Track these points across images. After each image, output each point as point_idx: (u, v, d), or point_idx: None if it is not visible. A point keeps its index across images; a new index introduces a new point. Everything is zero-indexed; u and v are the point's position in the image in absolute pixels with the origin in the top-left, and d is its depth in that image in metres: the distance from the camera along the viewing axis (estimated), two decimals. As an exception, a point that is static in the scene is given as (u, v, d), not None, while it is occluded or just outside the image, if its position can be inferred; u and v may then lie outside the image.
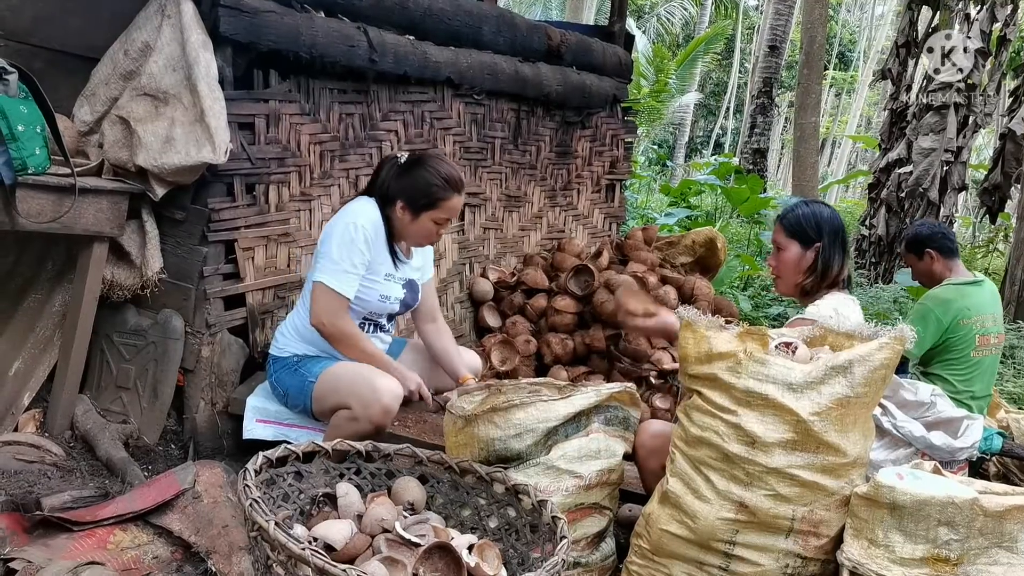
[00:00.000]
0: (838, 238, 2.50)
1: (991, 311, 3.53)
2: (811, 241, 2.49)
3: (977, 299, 3.50)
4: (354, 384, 2.43)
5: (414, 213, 2.55)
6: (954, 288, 3.53)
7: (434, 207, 2.54)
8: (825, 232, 2.48)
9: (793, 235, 2.53)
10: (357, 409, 2.38)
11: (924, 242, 3.70)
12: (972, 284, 3.57)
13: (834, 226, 2.51)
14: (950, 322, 3.43)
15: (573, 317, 3.92)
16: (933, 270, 3.69)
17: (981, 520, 1.84)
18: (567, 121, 4.57)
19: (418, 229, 2.59)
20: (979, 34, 7.99)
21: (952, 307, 3.44)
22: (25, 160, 2.32)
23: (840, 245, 2.50)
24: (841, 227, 2.53)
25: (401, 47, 3.32)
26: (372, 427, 2.39)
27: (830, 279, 2.49)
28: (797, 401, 1.92)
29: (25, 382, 2.72)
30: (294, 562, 1.58)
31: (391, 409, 2.40)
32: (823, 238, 2.48)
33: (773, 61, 11.97)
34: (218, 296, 2.84)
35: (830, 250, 2.48)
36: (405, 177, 2.54)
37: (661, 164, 17.82)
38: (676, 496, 2.03)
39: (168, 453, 2.81)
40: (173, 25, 2.60)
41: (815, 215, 2.52)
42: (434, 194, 2.52)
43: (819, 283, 2.50)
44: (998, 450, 3.00)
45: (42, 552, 1.98)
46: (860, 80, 26.15)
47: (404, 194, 2.54)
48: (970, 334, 3.44)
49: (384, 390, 2.38)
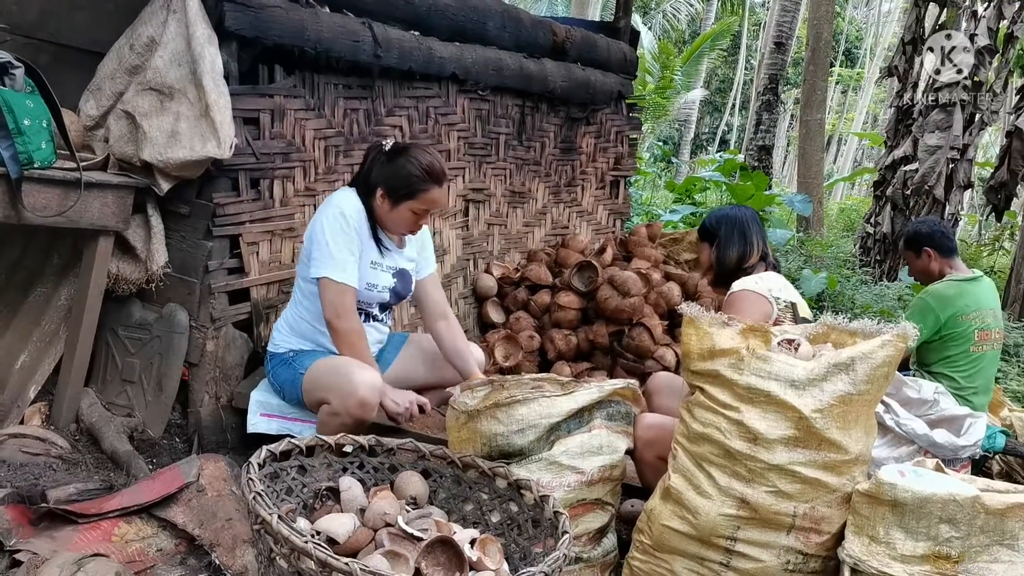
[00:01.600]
0: (734, 230, 2.78)
1: (990, 307, 3.57)
2: (713, 238, 2.83)
3: (976, 295, 3.54)
4: (333, 377, 2.43)
5: (393, 202, 2.54)
6: (954, 284, 3.57)
7: (413, 197, 2.53)
8: (721, 228, 2.80)
9: (702, 238, 2.90)
10: (336, 403, 2.38)
11: (922, 240, 3.75)
12: (971, 281, 3.60)
13: (731, 220, 2.81)
14: (948, 318, 3.47)
15: (577, 313, 3.93)
16: (930, 268, 3.74)
17: (983, 518, 1.84)
18: (572, 117, 4.56)
19: (397, 218, 2.58)
20: (986, 31, 7.95)
21: (951, 303, 3.49)
22: (31, 154, 2.32)
23: (738, 234, 2.77)
24: (740, 219, 2.81)
25: (406, 42, 3.32)
26: (352, 420, 2.36)
27: (731, 264, 2.76)
28: (799, 398, 1.92)
29: (31, 375, 2.73)
30: (297, 555, 1.59)
31: (368, 402, 2.36)
32: (720, 233, 2.79)
33: (779, 58, 11.91)
34: (222, 290, 2.85)
35: (725, 241, 2.78)
36: (387, 166, 2.54)
37: (666, 161, 17.78)
38: (678, 492, 2.04)
39: (172, 446, 2.82)
40: (179, 20, 2.61)
41: (716, 216, 2.87)
42: (413, 184, 2.52)
43: (725, 270, 2.78)
44: (1001, 448, 3.00)
45: (47, 544, 2.00)
46: (866, 77, 26.03)
47: (385, 182, 2.53)
48: (969, 330, 3.47)
49: (360, 383, 2.35)
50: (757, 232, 2.80)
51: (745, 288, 2.62)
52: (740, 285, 2.64)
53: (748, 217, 2.82)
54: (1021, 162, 7.76)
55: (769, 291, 2.60)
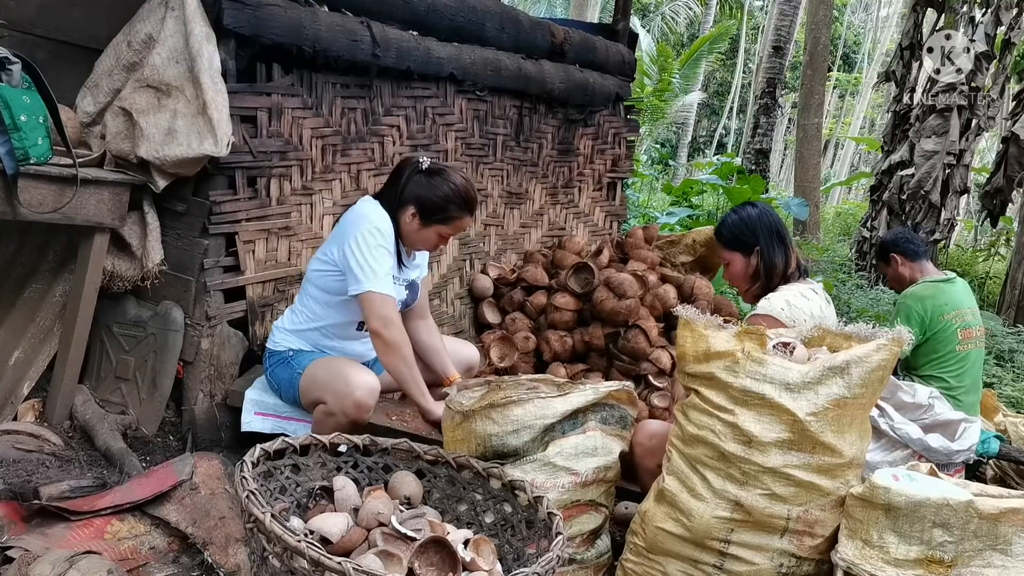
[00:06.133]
0: (774, 234, 2.51)
1: (968, 305, 3.66)
2: (750, 247, 2.52)
3: (952, 295, 3.64)
4: (330, 378, 2.43)
5: (424, 222, 2.54)
6: (930, 285, 3.69)
7: (445, 222, 2.56)
8: (760, 233, 2.51)
9: (732, 247, 2.57)
10: (332, 403, 2.38)
11: (887, 247, 3.89)
12: (945, 282, 3.70)
13: (766, 224, 2.52)
14: (931, 317, 3.54)
15: (573, 315, 3.93)
16: (900, 273, 3.86)
17: (976, 522, 1.85)
18: (569, 119, 4.57)
19: (422, 237, 2.59)
20: (983, 37, 7.97)
21: (929, 302, 3.58)
22: (27, 150, 2.32)
23: (778, 240, 2.51)
24: (774, 222, 2.54)
25: (404, 42, 3.32)
26: (347, 421, 2.37)
27: (779, 276, 2.51)
28: (794, 401, 1.92)
29: (25, 372, 2.72)
30: (290, 554, 1.59)
31: (364, 403, 2.37)
32: (759, 240, 2.50)
33: (777, 62, 11.94)
34: (218, 288, 2.84)
35: (769, 249, 2.50)
36: (423, 185, 2.53)
37: (664, 163, 17.78)
38: (672, 494, 2.04)
39: (166, 444, 2.82)
40: (177, 17, 2.61)
41: (744, 220, 2.54)
42: (450, 211, 2.53)
43: (770, 282, 2.52)
44: (995, 453, 3.01)
45: (39, 541, 1.99)
46: (864, 82, 26.10)
47: (418, 202, 2.52)
48: (951, 328, 3.54)
49: (357, 384, 2.36)
50: (787, 232, 2.56)
51: (770, 314, 2.39)
52: (766, 308, 2.40)
53: (776, 216, 2.56)
54: (1017, 168, 7.78)
55: (793, 322, 2.36)
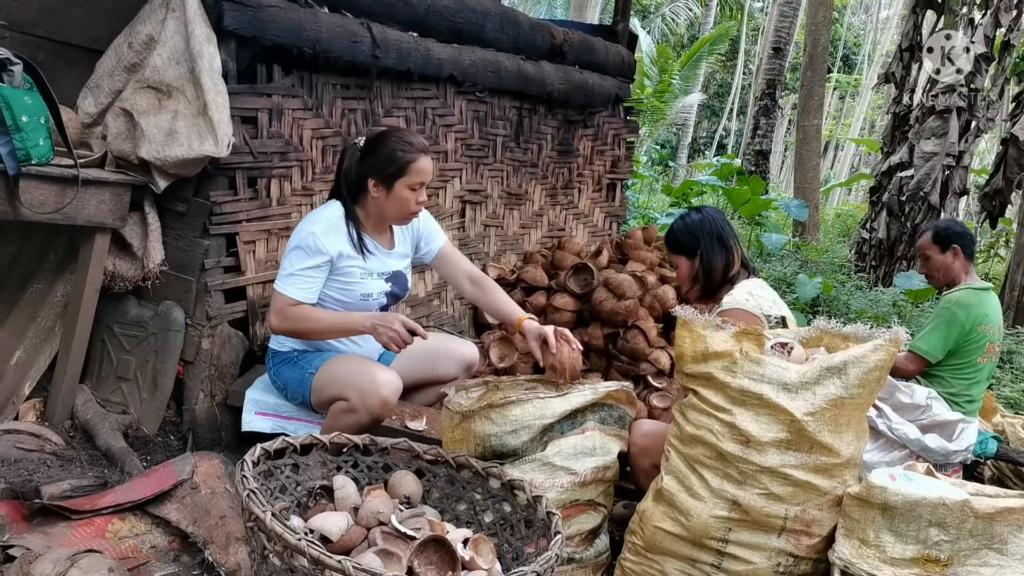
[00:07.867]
0: (715, 238, 2.61)
1: (999, 320, 3.58)
2: (692, 251, 2.63)
3: (991, 307, 3.54)
4: (353, 376, 2.44)
5: (387, 186, 2.51)
6: (973, 293, 3.55)
7: (404, 172, 2.50)
8: (701, 237, 2.61)
9: (676, 251, 2.69)
10: (355, 400, 2.39)
11: (953, 237, 3.69)
12: (986, 291, 3.59)
13: (708, 228, 2.63)
14: (971, 326, 3.45)
15: (572, 315, 3.93)
16: (952, 267, 3.68)
17: (972, 522, 1.86)
18: (569, 120, 4.58)
19: (397, 202, 2.54)
20: (983, 39, 7.97)
21: (973, 311, 3.46)
22: (29, 151, 2.33)
23: (719, 243, 2.61)
24: (716, 226, 2.64)
25: (404, 43, 3.33)
26: (370, 418, 2.39)
27: (719, 276, 2.60)
28: (792, 401, 1.93)
29: (26, 371, 2.73)
30: (290, 553, 1.59)
31: (389, 401, 2.40)
32: (700, 243, 2.61)
33: (777, 63, 11.96)
34: (219, 289, 2.85)
35: (710, 252, 2.60)
36: (368, 157, 2.52)
37: (663, 164, 17.80)
38: (670, 494, 2.05)
39: (167, 444, 2.83)
40: (177, 18, 2.62)
41: (688, 226, 2.66)
42: (401, 159, 2.49)
43: (712, 283, 2.61)
44: (993, 454, 3.01)
45: (41, 540, 2.00)
46: (864, 83, 26.12)
47: (372, 170, 2.51)
48: (983, 340, 3.46)
49: (384, 382, 2.39)
50: (731, 234, 2.66)
51: (738, 307, 2.49)
52: (732, 303, 2.51)
53: (720, 220, 2.67)
54: (1016, 169, 7.78)
55: (760, 309, 2.49)
